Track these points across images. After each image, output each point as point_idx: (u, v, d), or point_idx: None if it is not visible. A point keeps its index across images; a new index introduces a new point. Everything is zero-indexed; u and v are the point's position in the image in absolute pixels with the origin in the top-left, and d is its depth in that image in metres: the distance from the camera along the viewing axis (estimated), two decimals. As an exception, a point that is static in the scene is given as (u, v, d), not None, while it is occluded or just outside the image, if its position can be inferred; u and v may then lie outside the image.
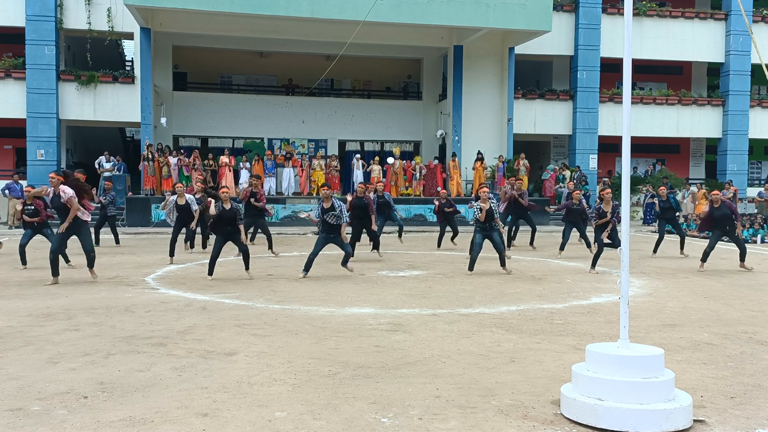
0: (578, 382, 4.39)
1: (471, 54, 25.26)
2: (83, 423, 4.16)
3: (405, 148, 27.15)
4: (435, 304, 8.34)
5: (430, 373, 5.30)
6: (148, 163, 22.02)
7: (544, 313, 7.90)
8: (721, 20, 27.74)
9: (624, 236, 4.72)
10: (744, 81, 27.74)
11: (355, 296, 8.93)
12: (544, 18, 22.70)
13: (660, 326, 7.19)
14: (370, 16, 19.28)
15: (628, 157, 4.73)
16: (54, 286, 9.65)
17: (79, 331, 6.69)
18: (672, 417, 4.09)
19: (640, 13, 26.75)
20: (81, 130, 26.51)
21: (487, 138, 25.50)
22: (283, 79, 27.96)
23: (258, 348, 6.06)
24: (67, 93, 23.43)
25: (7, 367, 5.39)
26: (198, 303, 8.33)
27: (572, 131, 26.96)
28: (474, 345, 6.26)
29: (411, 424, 4.20)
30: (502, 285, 10.04)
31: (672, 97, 27.87)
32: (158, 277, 10.67)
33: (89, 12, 23.26)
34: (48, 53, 22.88)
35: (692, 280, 10.87)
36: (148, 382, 5.02)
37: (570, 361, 5.52)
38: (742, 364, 5.69)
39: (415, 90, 28.66)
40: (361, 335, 6.61)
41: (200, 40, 24.89)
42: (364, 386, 4.95)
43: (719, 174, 28.23)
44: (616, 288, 8.95)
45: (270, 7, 20.99)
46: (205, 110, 25.76)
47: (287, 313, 7.75)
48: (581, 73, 26.42)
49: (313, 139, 26.78)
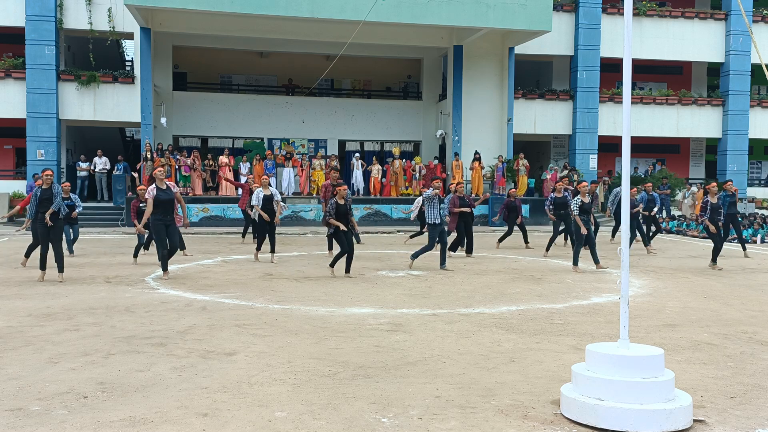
0: (578, 382, 4.39)
1: (471, 54, 25.25)
2: (83, 423, 4.16)
3: (405, 148, 27.15)
4: (435, 304, 8.34)
5: (430, 373, 5.30)
6: (147, 163, 22.01)
7: (544, 313, 7.90)
8: (721, 20, 27.73)
9: (624, 236, 4.72)
10: (744, 81, 27.74)
11: (355, 296, 8.93)
12: (544, 18, 22.69)
13: (660, 326, 7.19)
14: (370, 16, 19.27)
15: (628, 157, 4.73)
16: (54, 286, 9.65)
17: (79, 331, 6.69)
18: (672, 417, 4.10)
19: (640, 13, 26.74)
20: (81, 130, 26.50)
21: (487, 138, 25.49)
22: (283, 79, 27.96)
23: (258, 348, 6.06)
24: (67, 93, 23.42)
25: (7, 367, 5.39)
26: (198, 303, 8.33)
27: (572, 131, 26.96)
28: (474, 345, 6.26)
29: (411, 424, 4.20)
30: (502, 285, 10.04)
31: (672, 97, 27.87)
32: (158, 277, 10.67)
33: (89, 12, 23.26)
34: (48, 53, 22.86)
35: (692, 280, 10.87)
36: (148, 382, 5.02)
37: (570, 361, 5.52)
38: (742, 364, 5.69)
39: (415, 90, 28.66)
40: (361, 335, 6.61)
41: (200, 40, 24.89)
42: (364, 386, 4.95)
43: (719, 174, 28.22)
44: (616, 288, 8.95)
45: (270, 7, 20.98)
46: (205, 110, 25.75)
47: (287, 313, 7.75)
48: (581, 73, 26.41)
49: (313, 139, 26.76)
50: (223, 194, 22.60)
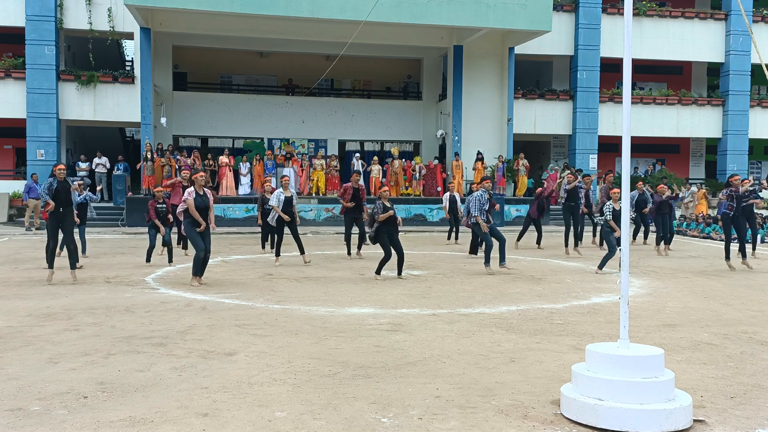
0: (578, 382, 4.39)
1: (471, 54, 25.25)
2: (83, 423, 4.16)
3: (405, 148, 27.15)
4: (435, 304, 8.34)
5: (430, 373, 5.30)
6: (147, 163, 22.02)
7: (544, 313, 7.91)
8: (721, 20, 27.73)
9: (624, 236, 4.72)
10: (744, 81, 27.74)
11: (355, 296, 8.93)
12: (544, 18, 22.70)
13: (660, 326, 7.19)
14: (370, 16, 19.26)
15: (628, 157, 4.73)
16: (54, 286, 9.64)
17: (79, 331, 6.69)
18: (672, 417, 4.10)
19: (640, 13, 26.74)
20: (81, 130, 26.50)
21: (487, 138, 25.49)
22: (283, 79, 27.96)
23: (258, 348, 6.06)
24: (67, 93, 23.42)
25: (7, 367, 5.39)
26: (198, 303, 8.33)
27: (572, 131, 26.96)
28: (474, 345, 6.26)
29: (411, 424, 4.20)
30: (502, 285, 10.04)
31: (672, 97, 27.87)
32: (158, 277, 10.67)
33: (89, 12, 23.26)
34: (48, 53, 22.87)
35: (692, 280, 10.87)
36: (148, 382, 5.02)
37: (570, 361, 5.52)
38: (742, 364, 5.69)
39: (415, 90, 28.66)
40: (361, 335, 6.61)
41: (200, 40, 24.89)
42: (364, 386, 4.95)
43: (719, 174, 28.23)
44: (616, 288, 8.95)
45: (270, 7, 20.99)
46: (205, 110, 25.75)
47: (287, 313, 7.75)
48: (581, 73, 26.41)
49: (313, 139, 26.77)
50: (223, 194, 22.61)
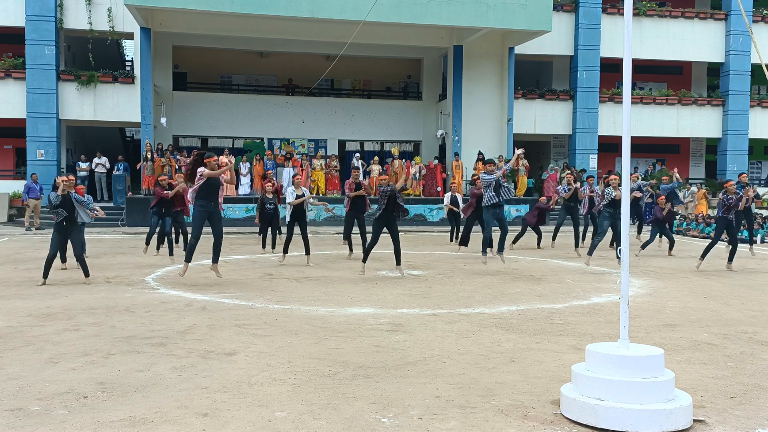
0: (578, 382, 4.39)
1: (471, 54, 25.25)
2: (83, 423, 4.16)
3: (405, 148, 27.15)
4: (435, 304, 8.34)
5: (430, 373, 5.30)
6: (147, 163, 22.02)
7: (544, 313, 7.90)
8: (721, 20, 27.73)
9: (624, 236, 4.72)
10: (744, 81, 27.74)
11: (355, 296, 8.93)
12: (544, 18, 22.70)
13: (660, 326, 7.19)
14: (370, 16, 19.26)
15: (628, 157, 4.73)
16: (54, 286, 9.64)
17: (79, 331, 6.69)
18: (672, 417, 4.10)
19: (640, 13, 26.73)
20: (81, 130, 26.50)
21: (487, 138, 25.49)
22: (283, 79, 27.96)
23: (258, 348, 6.06)
24: (67, 93, 23.42)
25: (7, 367, 5.39)
26: (198, 303, 8.33)
27: (572, 131, 26.96)
28: (474, 345, 6.25)
29: (411, 424, 4.20)
30: (502, 285, 10.05)
31: (672, 97, 27.86)
32: (158, 277, 10.68)
33: (89, 12, 23.26)
34: (48, 53, 22.87)
35: (692, 280, 10.87)
36: (148, 382, 5.02)
37: (570, 361, 5.52)
38: (742, 364, 5.69)
39: (415, 90, 28.66)
40: (361, 335, 6.61)
41: (200, 40, 24.89)
42: (364, 386, 4.95)
43: (719, 174, 28.22)
44: (616, 288, 8.95)
45: (270, 7, 20.99)
46: (205, 110, 25.75)
47: (287, 313, 7.75)
48: (581, 73, 26.41)
49: (313, 139, 26.77)
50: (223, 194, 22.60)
